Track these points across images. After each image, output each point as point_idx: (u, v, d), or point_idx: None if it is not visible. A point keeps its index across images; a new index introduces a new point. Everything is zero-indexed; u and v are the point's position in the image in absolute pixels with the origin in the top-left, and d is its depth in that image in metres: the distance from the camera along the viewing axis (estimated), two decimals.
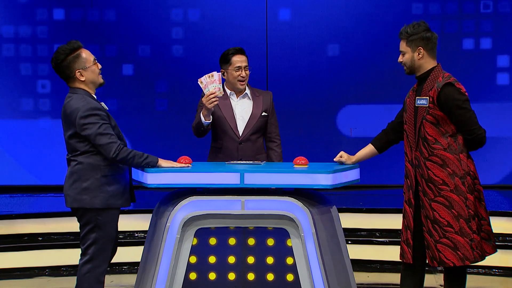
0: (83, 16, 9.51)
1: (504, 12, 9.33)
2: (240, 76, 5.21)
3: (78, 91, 4.40)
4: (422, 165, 4.38)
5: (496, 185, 9.34)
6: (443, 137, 4.34)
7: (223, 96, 5.13)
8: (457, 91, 4.34)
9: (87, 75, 4.40)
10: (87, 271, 4.35)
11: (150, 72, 9.60)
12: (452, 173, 4.33)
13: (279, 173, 4.30)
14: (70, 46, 4.39)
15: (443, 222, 4.32)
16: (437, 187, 4.33)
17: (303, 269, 4.28)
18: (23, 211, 7.76)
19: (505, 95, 9.37)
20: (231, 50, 5.25)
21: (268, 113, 5.31)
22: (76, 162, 4.36)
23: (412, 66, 4.45)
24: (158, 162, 4.37)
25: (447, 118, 4.33)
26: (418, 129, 4.39)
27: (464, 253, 4.31)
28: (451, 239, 4.31)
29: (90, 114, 4.29)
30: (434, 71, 4.41)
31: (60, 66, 4.38)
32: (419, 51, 4.41)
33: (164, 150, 8.90)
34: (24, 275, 6.69)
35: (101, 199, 4.32)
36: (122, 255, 4.69)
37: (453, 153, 4.34)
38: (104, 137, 4.27)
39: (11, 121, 9.51)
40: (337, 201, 5.30)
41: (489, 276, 6.57)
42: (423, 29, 4.42)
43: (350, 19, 9.43)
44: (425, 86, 4.40)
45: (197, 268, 4.35)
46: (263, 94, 5.35)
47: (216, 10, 9.51)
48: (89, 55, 4.44)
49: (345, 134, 9.44)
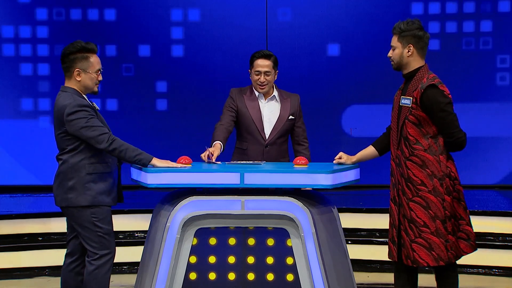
0: (83, 16, 9.51)
1: (504, 12, 9.33)
2: (259, 81, 5.21)
3: (68, 90, 4.42)
4: (403, 164, 4.41)
5: (496, 185, 9.34)
6: (424, 138, 4.37)
7: (251, 97, 5.18)
8: (440, 93, 4.36)
9: (84, 78, 4.41)
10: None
11: (150, 72, 9.59)
12: (431, 174, 4.36)
13: (279, 173, 4.30)
14: (84, 44, 4.41)
15: (419, 222, 4.35)
16: (415, 187, 4.36)
17: (303, 269, 4.28)
18: (23, 211, 7.76)
19: (505, 95, 9.36)
20: (256, 53, 5.26)
21: (295, 117, 5.30)
22: (61, 161, 4.39)
23: (400, 62, 4.49)
24: (152, 161, 4.35)
25: (429, 120, 4.36)
26: (400, 128, 4.42)
27: (439, 254, 4.35)
28: (427, 239, 4.34)
29: (77, 110, 4.30)
30: (420, 71, 4.45)
31: (66, 58, 4.40)
32: (409, 48, 4.45)
33: (164, 150, 8.89)
34: (24, 275, 6.69)
35: (87, 197, 4.34)
36: (122, 255, 4.69)
37: (433, 154, 4.37)
38: (93, 130, 4.29)
39: (11, 121, 9.51)
40: (337, 201, 5.30)
41: (489, 276, 6.57)
42: (416, 27, 4.45)
43: (350, 19, 9.43)
44: (410, 86, 4.44)
45: (197, 268, 4.35)
46: (290, 97, 5.34)
47: (216, 10, 9.50)
48: (97, 64, 4.45)
49: (345, 134, 9.44)
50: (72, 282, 4.50)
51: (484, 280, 6.48)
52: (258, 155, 5.19)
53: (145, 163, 4.34)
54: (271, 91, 5.30)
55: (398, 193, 4.46)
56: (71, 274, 4.51)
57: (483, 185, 9.31)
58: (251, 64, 5.26)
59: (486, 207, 7.39)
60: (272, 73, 5.23)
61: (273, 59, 5.27)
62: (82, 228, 4.39)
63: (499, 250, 6.67)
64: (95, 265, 4.39)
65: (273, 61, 5.26)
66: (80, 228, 4.40)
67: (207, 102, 9.30)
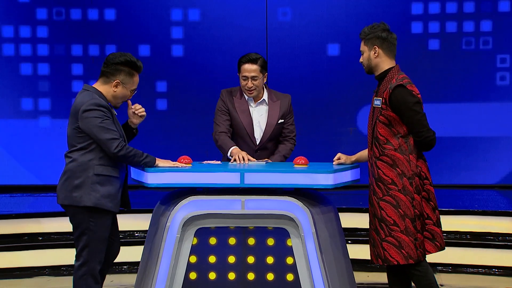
0: (83, 16, 9.50)
1: (504, 12, 9.33)
2: (246, 86, 5.12)
3: (91, 89, 4.39)
4: (373, 164, 4.46)
5: (496, 185, 9.34)
6: (394, 137, 4.41)
7: (241, 100, 5.14)
8: (408, 93, 4.39)
9: (119, 91, 4.41)
10: (83, 274, 4.32)
11: (150, 72, 9.59)
12: (401, 173, 4.39)
13: (279, 173, 4.30)
14: (135, 61, 4.42)
15: (389, 221, 4.39)
16: (386, 186, 4.40)
17: (303, 269, 4.28)
18: (23, 211, 7.76)
19: (505, 95, 9.36)
20: (242, 58, 5.15)
21: (284, 119, 5.23)
22: (70, 159, 4.35)
23: (369, 65, 4.55)
24: (156, 162, 4.36)
25: (399, 119, 4.38)
26: (372, 129, 4.47)
27: (408, 252, 4.37)
28: (396, 238, 4.37)
29: (94, 108, 4.27)
30: (391, 72, 4.50)
31: (113, 65, 4.37)
32: (375, 49, 4.50)
33: (164, 150, 8.89)
34: (24, 275, 6.69)
35: (91, 198, 4.29)
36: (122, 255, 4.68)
37: (403, 153, 4.40)
38: (106, 132, 4.26)
39: (11, 121, 9.51)
40: (337, 201, 5.30)
41: (489, 276, 6.57)
42: (380, 29, 4.52)
43: (350, 19, 9.43)
44: (381, 87, 4.51)
45: (197, 268, 4.35)
46: (281, 98, 5.25)
47: (216, 10, 9.50)
48: (136, 83, 4.46)
49: (345, 134, 9.44)
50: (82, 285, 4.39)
51: (484, 280, 6.48)
52: None
53: (151, 165, 4.35)
54: (260, 95, 5.21)
55: (370, 193, 4.49)
56: None
57: (483, 185, 9.31)
58: (239, 69, 5.16)
59: (486, 207, 7.39)
60: (259, 77, 5.11)
61: (260, 62, 5.11)
62: (75, 227, 4.37)
63: (499, 250, 6.67)
64: (76, 266, 4.36)
65: (261, 65, 5.11)
66: (74, 228, 4.38)
67: (207, 102, 9.28)
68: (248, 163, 4.79)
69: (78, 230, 4.35)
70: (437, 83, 9.12)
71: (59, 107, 9.22)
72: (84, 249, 4.33)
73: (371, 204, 4.49)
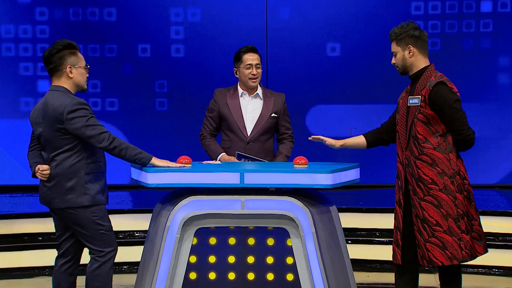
0: (83, 16, 9.51)
1: (504, 12, 9.33)
2: (251, 74, 5.24)
3: (61, 89, 4.39)
4: (412, 164, 4.39)
5: (496, 185, 9.35)
6: (433, 136, 4.36)
7: (234, 95, 5.24)
8: (449, 90, 4.35)
9: (76, 73, 4.40)
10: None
11: (150, 72, 9.60)
12: (441, 172, 4.34)
13: (279, 173, 4.30)
14: (68, 42, 4.42)
15: (431, 221, 4.33)
16: (426, 186, 4.35)
17: (303, 269, 4.28)
18: (23, 211, 7.77)
19: (505, 95, 9.37)
20: (243, 49, 5.31)
21: (278, 115, 5.30)
22: (56, 162, 4.36)
23: (404, 65, 4.49)
24: (151, 160, 4.36)
25: (437, 118, 4.35)
26: (409, 128, 4.41)
27: (453, 253, 4.32)
28: (440, 238, 4.32)
29: (78, 108, 4.29)
30: (427, 70, 4.44)
31: (53, 57, 4.37)
32: (409, 49, 4.45)
33: (164, 150, 8.91)
34: (24, 275, 6.69)
35: (87, 197, 4.35)
36: (122, 255, 4.69)
37: (442, 152, 4.35)
38: (94, 128, 4.28)
39: (11, 121, 9.52)
40: (337, 201, 5.30)
41: (489, 276, 6.57)
42: (411, 28, 4.46)
43: (350, 19, 9.44)
44: (417, 86, 4.43)
45: (197, 268, 4.35)
46: (275, 96, 5.35)
47: (216, 10, 9.51)
48: (83, 59, 4.47)
49: (345, 134, 9.44)
50: (65, 284, 4.48)
51: (484, 280, 6.48)
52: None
53: (145, 162, 4.34)
54: (255, 89, 5.33)
55: (408, 194, 4.43)
56: (64, 275, 4.49)
57: (483, 185, 9.31)
58: (239, 60, 5.29)
59: (486, 207, 7.40)
60: (260, 66, 5.30)
61: (259, 54, 5.34)
62: (84, 228, 4.38)
63: (499, 250, 6.67)
64: (100, 262, 4.39)
65: (260, 56, 5.33)
66: (82, 228, 4.38)
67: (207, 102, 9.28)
68: None
69: (87, 228, 4.37)
70: None
71: None
72: (103, 242, 4.39)
73: (412, 205, 4.40)
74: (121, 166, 5.57)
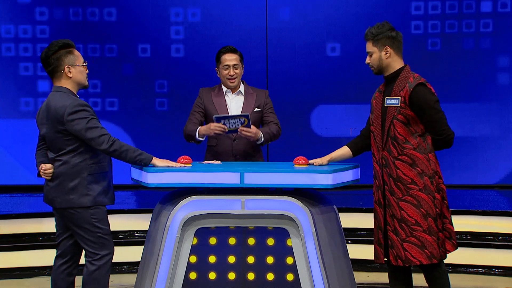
0: (83, 16, 9.51)
1: (504, 12, 9.33)
2: (228, 75, 5.31)
3: (62, 89, 4.39)
4: (391, 164, 4.40)
5: (496, 185, 9.35)
6: (412, 136, 4.38)
7: (218, 93, 5.34)
8: (429, 92, 4.38)
9: (75, 72, 4.40)
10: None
11: (150, 72, 9.60)
12: (421, 172, 4.36)
13: (279, 173, 4.30)
14: (63, 41, 4.41)
15: (410, 221, 4.35)
16: (405, 186, 4.36)
17: (303, 269, 4.28)
18: (23, 211, 7.76)
19: (505, 95, 9.37)
20: (222, 49, 5.38)
21: (261, 109, 5.36)
22: (60, 162, 4.36)
23: (380, 65, 4.51)
24: (152, 160, 4.36)
25: (417, 118, 4.36)
26: (387, 129, 4.41)
27: (432, 251, 4.35)
28: (419, 238, 4.34)
29: (79, 109, 4.28)
30: (404, 71, 4.46)
31: (50, 58, 4.36)
32: (386, 50, 4.47)
33: (164, 150, 8.90)
34: (24, 275, 6.69)
35: (89, 198, 4.34)
36: (122, 255, 4.69)
37: (422, 152, 4.37)
38: (94, 130, 4.27)
39: (11, 120, 9.52)
40: (337, 201, 5.29)
41: (489, 276, 6.57)
42: (388, 28, 4.48)
43: (350, 19, 9.43)
44: (395, 87, 4.44)
45: (197, 268, 4.35)
46: (257, 92, 5.43)
47: (216, 10, 9.51)
48: (80, 56, 4.47)
49: (345, 134, 9.44)
50: (63, 284, 4.48)
51: (484, 280, 6.48)
52: (227, 150, 5.28)
53: (146, 163, 4.34)
54: (238, 86, 5.41)
55: (385, 194, 4.45)
56: (63, 275, 4.49)
57: (483, 185, 9.31)
58: (218, 61, 5.38)
59: (486, 207, 7.40)
60: (240, 66, 5.35)
61: (239, 53, 5.38)
62: (82, 229, 4.38)
63: (499, 250, 6.67)
64: (96, 265, 4.38)
65: (240, 55, 5.38)
66: (80, 229, 4.38)
67: None
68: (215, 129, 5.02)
69: (84, 230, 4.36)
70: (437, 83, 9.08)
71: None
72: (100, 246, 4.38)
73: (388, 206, 4.42)
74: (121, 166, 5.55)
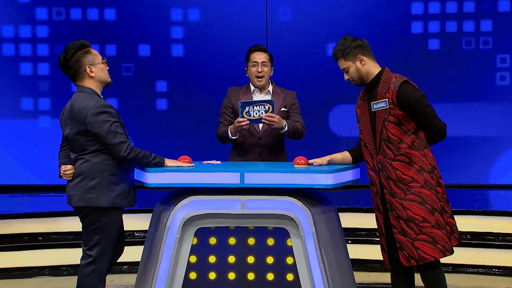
0: (83, 16, 9.51)
1: (504, 12, 9.33)
2: (257, 72, 5.32)
3: (87, 90, 4.37)
4: (388, 166, 4.39)
5: (496, 185, 9.35)
6: (406, 135, 4.38)
7: (246, 92, 5.34)
8: (414, 88, 4.40)
9: (96, 71, 4.39)
10: (91, 272, 4.33)
11: (150, 72, 9.60)
12: (420, 169, 4.35)
13: (279, 173, 4.30)
14: (79, 42, 4.39)
15: (418, 219, 4.33)
16: (407, 186, 4.35)
17: (303, 268, 4.28)
18: (23, 211, 7.76)
19: (505, 95, 9.37)
20: (251, 48, 5.42)
21: (287, 109, 5.38)
22: (83, 160, 4.33)
23: (360, 76, 4.54)
24: (164, 162, 4.37)
25: (407, 117, 4.36)
26: (380, 133, 4.41)
27: (444, 245, 4.33)
28: (429, 234, 4.32)
29: (102, 111, 4.26)
30: (384, 73, 4.48)
31: (70, 62, 4.34)
32: (359, 59, 4.52)
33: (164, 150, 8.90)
34: (24, 275, 6.69)
35: (107, 198, 4.30)
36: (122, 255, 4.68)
37: (417, 149, 4.37)
38: (115, 136, 4.24)
39: (11, 120, 9.52)
40: (337, 201, 5.30)
41: (489, 275, 6.57)
42: (352, 40, 4.56)
43: (350, 19, 9.44)
44: (378, 90, 4.45)
45: (197, 268, 4.35)
46: (285, 92, 5.45)
47: (216, 10, 9.52)
48: (98, 54, 4.45)
49: (344, 134, 9.44)
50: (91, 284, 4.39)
51: (484, 280, 6.48)
52: (253, 149, 5.28)
53: (160, 166, 4.35)
54: (267, 86, 5.40)
55: (384, 198, 4.43)
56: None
57: (483, 185, 9.31)
58: (248, 59, 5.39)
59: (486, 207, 7.40)
60: (268, 65, 5.37)
61: (269, 53, 5.42)
62: (87, 227, 4.36)
63: (499, 250, 6.67)
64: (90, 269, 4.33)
65: (269, 55, 5.41)
66: (86, 226, 4.37)
67: (207, 102, 9.31)
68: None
69: (89, 228, 4.35)
70: (437, 83, 9.12)
71: (59, 107, 9.22)
72: (94, 248, 4.34)
73: (390, 209, 4.40)
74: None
